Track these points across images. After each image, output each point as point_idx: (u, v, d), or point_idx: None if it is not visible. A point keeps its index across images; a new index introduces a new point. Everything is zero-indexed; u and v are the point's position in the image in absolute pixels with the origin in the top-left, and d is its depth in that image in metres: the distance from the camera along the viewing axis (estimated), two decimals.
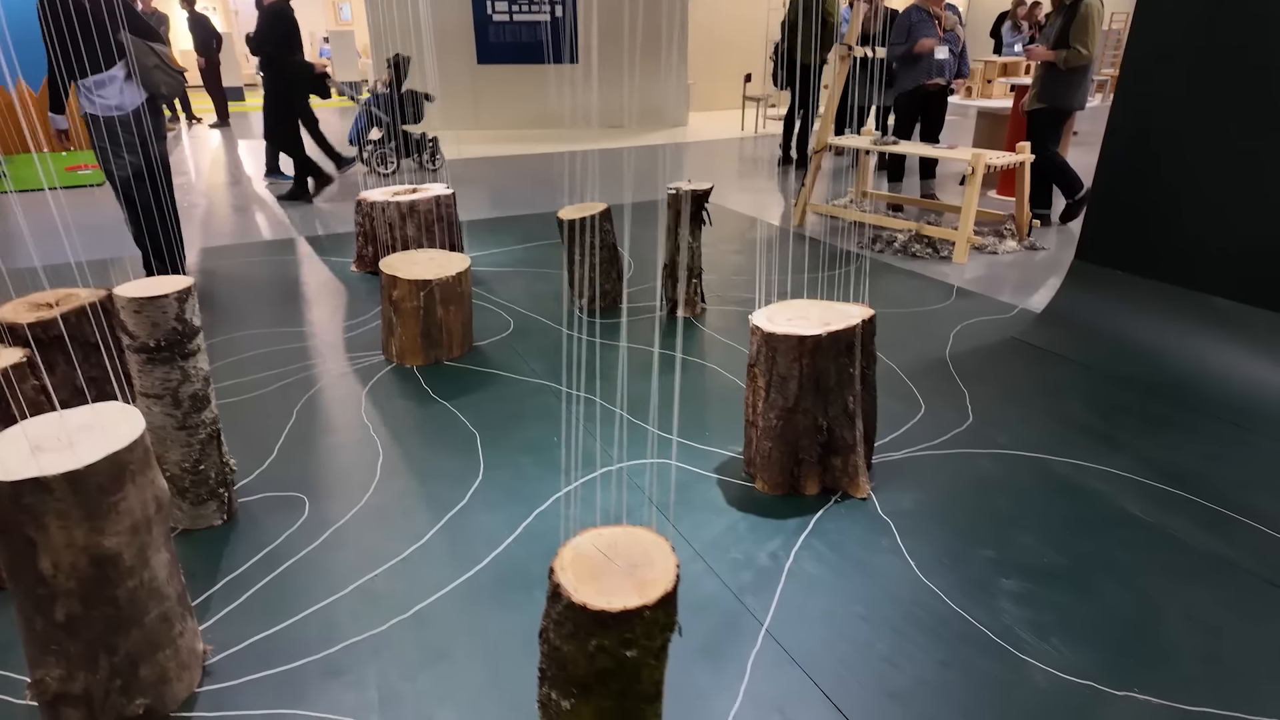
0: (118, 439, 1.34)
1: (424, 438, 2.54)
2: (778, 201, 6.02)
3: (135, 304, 1.82)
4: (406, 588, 1.86)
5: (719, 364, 3.09)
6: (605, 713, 1.09)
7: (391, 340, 3.14)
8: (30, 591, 1.31)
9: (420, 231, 4.07)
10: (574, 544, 1.15)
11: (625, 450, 2.45)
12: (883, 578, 1.87)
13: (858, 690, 1.55)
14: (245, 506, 2.17)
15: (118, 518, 1.34)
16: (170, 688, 1.49)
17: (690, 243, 3.51)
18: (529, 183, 6.75)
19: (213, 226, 5.29)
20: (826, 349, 2.04)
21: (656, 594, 1.05)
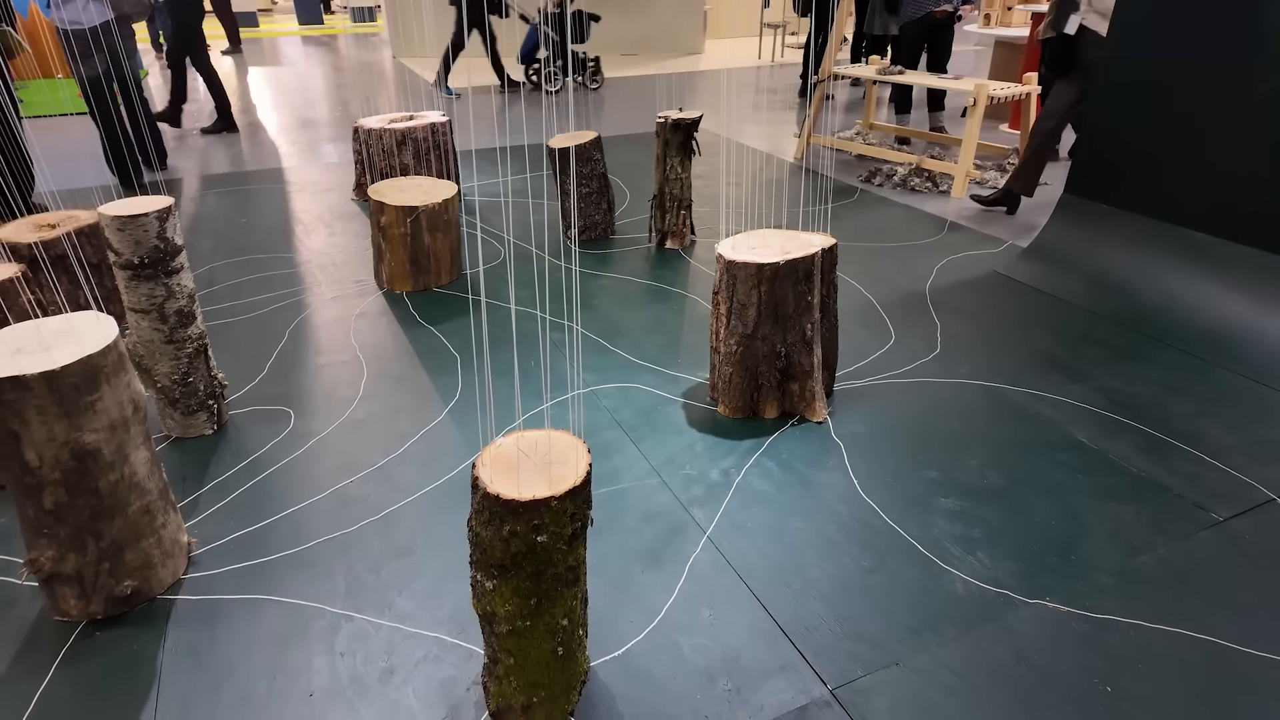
0: (90, 344, 1.45)
1: (408, 360, 2.65)
2: (790, 134, 5.93)
3: (118, 222, 1.91)
4: (378, 493, 1.99)
5: (700, 295, 3.15)
6: (523, 591, 1.21)
7: (382, 266, 3.22)
8: (19, 480, 1.45)
9: (416, 159, 4.11)
10: (498, 443, 1.25)
11: (599, 374, 2.55)
12: (825, 494, 1.97)
13: (784, 592, 1.67)
14: (235, 419, 2.30)
15: (95, 416, 1.46)
16: (155, 573, 1.64)
17: (679, 173, 3.51)
18: (532, 112, 6.69)
19: (219, 153, 5.35)
20: (784, 277, 2.09)
21: (565, 487, 1.15)
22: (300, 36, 12.54)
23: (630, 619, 1.60)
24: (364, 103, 7.14)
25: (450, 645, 1.55)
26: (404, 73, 8.90)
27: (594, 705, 1.42)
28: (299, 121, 6.39)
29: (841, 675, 1.47)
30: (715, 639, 1.56)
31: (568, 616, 1.28)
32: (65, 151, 5.31)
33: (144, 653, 1.53)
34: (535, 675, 1.31)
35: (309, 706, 1.42)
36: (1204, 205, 2.84)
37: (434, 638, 1.57)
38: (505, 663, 1.30)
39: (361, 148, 4.18)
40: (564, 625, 1.28)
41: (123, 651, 1.53)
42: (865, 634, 1.56)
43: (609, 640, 1.55)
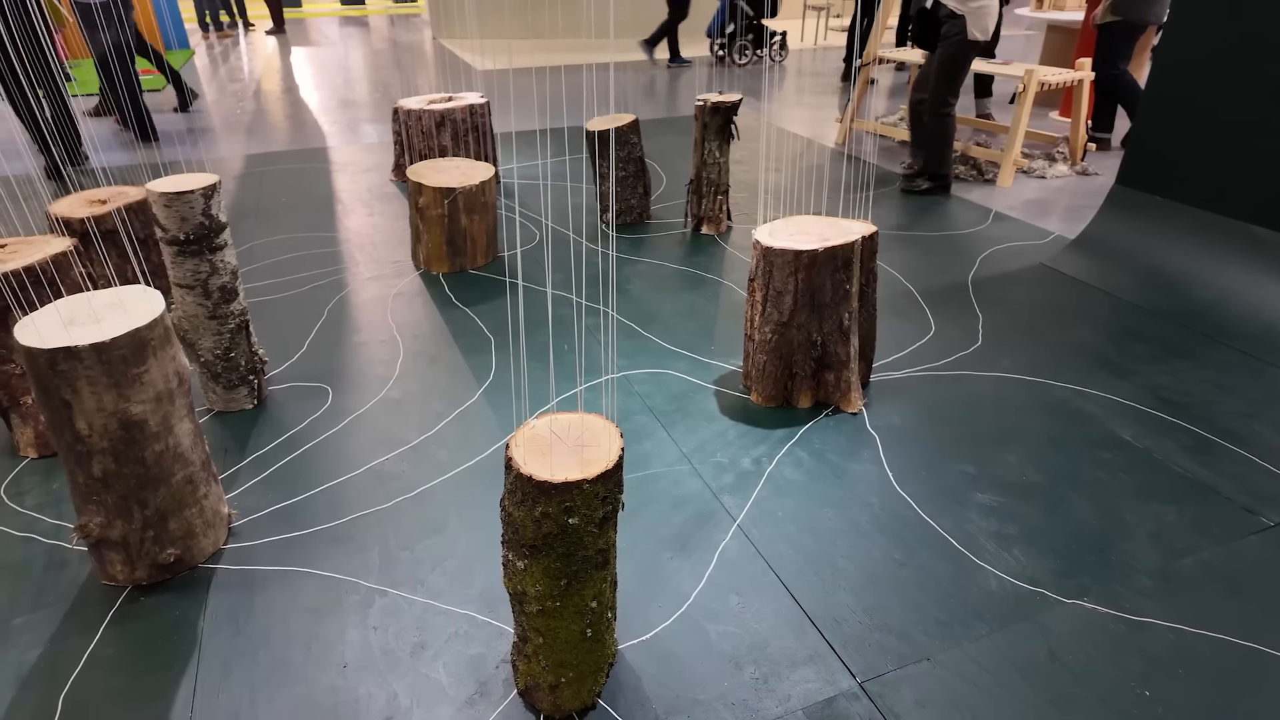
0: (139, 317, 1.49)
1: (443, 340, 2.68)
2: (832, 119, 5.83)
3: (165, 199, 1.95)
4: (413, 471, 2.02)
5: (736, 282, 3.12)
6: (553, 572, 1.21)
7: (419, 247, 3.25)
8: (70, 448, 1.50)
9: (455, 141, 4.13)
10: (530, 425, 1.26)
11: (632, 359, 2.54)
12: (857, 485, 1.95)
13: (813, 580, 1.66)
14: (274, 394, 2.35)
15: (142, 387, 1.50)
16: (197, 542, 1.69)
17: (717, 158, 3.48)
18: (570, 94, 6.68)
19: (262, 133, 5.44)
20: (822, 264, 2.06)
21: (597, 470, 1.15)
22: (341, 16, 12.65)
23: (659, 604, 1.60)
24: (403, 84, 7.20)
25: (480, 623, 1.57)
26: (443, 54, 8.94)
27: (621, 687, 1.43)
28: (339, 102, 6.46)
29: (870, 668, 1.46)
30: (743, 626, 1.55)
31: (597, 599, 1.29)
32: (112, 128, 5.44)
33: (186, 618, 1.58)
34: (564, 655, 1.32)
35: (343, 677, 1.46)
36: (1265, 198, 2.72)
37: (464, 615, 1.59)
38: (534, 642, 1.32)
39: (401, 129, 4.21)
40: (593, 607, 1.29)
41: (166, 617, 1.58)
42: (894, 627, 1.55)
43: (637, 624, 1.55)
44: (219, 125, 5.65)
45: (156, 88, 6.89)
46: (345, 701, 1.41)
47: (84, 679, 1.45)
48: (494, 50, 8.96)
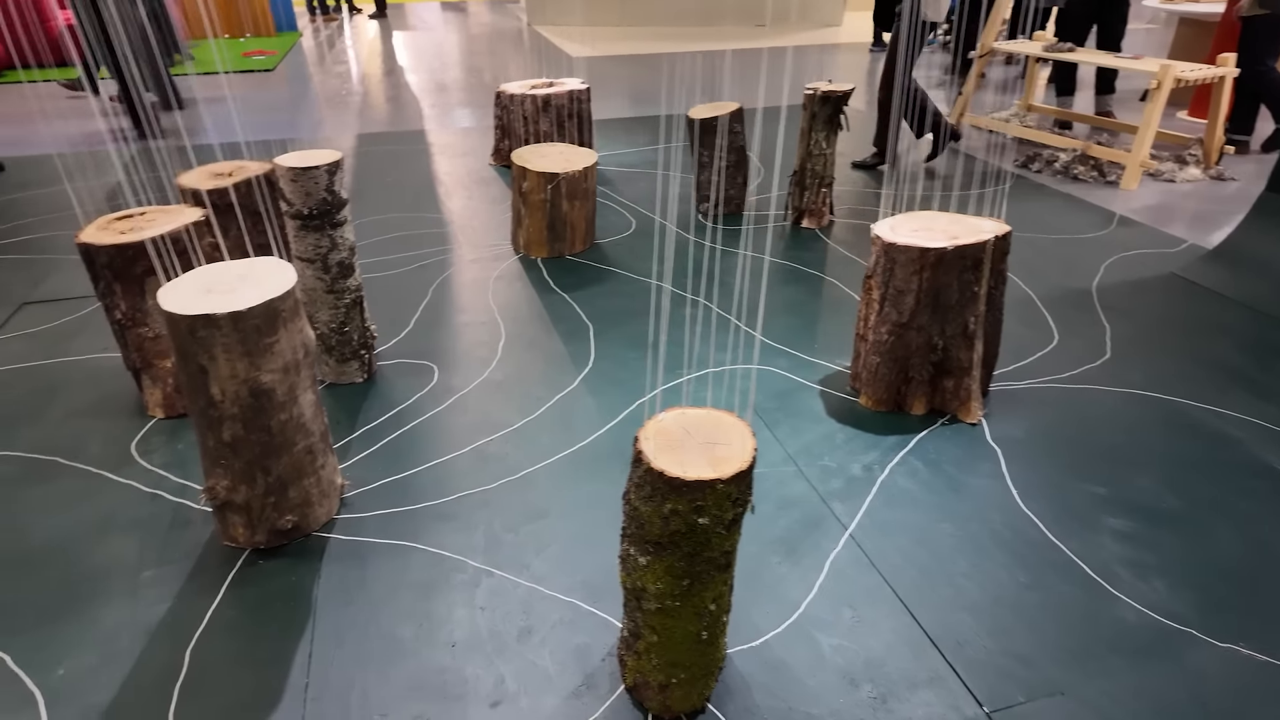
0: (273, 288, 1.52)
1: (542, 325, 2.68)
2: None
3: (292, 173, 2.00)
4: (516, 453, 2.02)
5: (838, 278, 3.02)
6: (676, 571, 1.18)
7: (519, 231, 3.27)
8: (203, 413, 1.55)
9: (554, 126, 4.14)
10: (659, 418, 1.22)
11: (732, 354, 2.49)
12: (978, 500, 1.84)
13: (932, 598, 1.57)
14: (383, 369, 2.40)
15: (272, 357, 1.53)
16: (313, 510, 1.73)
17: (824, 149, 3.37)
18: (665, 82, 6.62)
19: (365, 114, 5.59)
20: (950, 264, 1.95)
21: (731, 469, 1.10)
22: (441, 2, 12.92)
23: (767, 610, 1.55)
24: (499, 70, 7.29)
25: (585, 612, 1.55)
26: (539, 41, 9.01)
27: (730, 692, 1.38)
28: (437, 86, 6.59)
29: (998, 697, 1.37)
30: (857, 641, 1.48)
31: (716, 601, 1.25)
32: (233, 107, 5.69)
33: (301, 585, 1.62)
34: (677, 655, 1.28)
35: (451, 656, 1.46)
36: None
37: (569, 603, 1.58)
38: (648, 639, 1.29)
39: (503, 113, 4.25)
40: (711, 610, 1.25)
41: (282, 582, 1.62)
42: (1022, 654, 1.45)
43: (745, 628, 1.50)
44: (324, 105, 5.84)
45: (267, 67, 7.19)
46: (453, 681, 1.41)
47: (208, 637, 1.50)
48: (590, 37, 8.98)
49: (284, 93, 6.26)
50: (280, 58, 7.69)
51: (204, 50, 7.97)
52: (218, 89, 6.37)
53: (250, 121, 5.33)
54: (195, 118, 5.41)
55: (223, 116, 5.46)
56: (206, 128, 5.14)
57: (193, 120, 5.34)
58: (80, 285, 2.91)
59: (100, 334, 2.57)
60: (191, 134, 4.98)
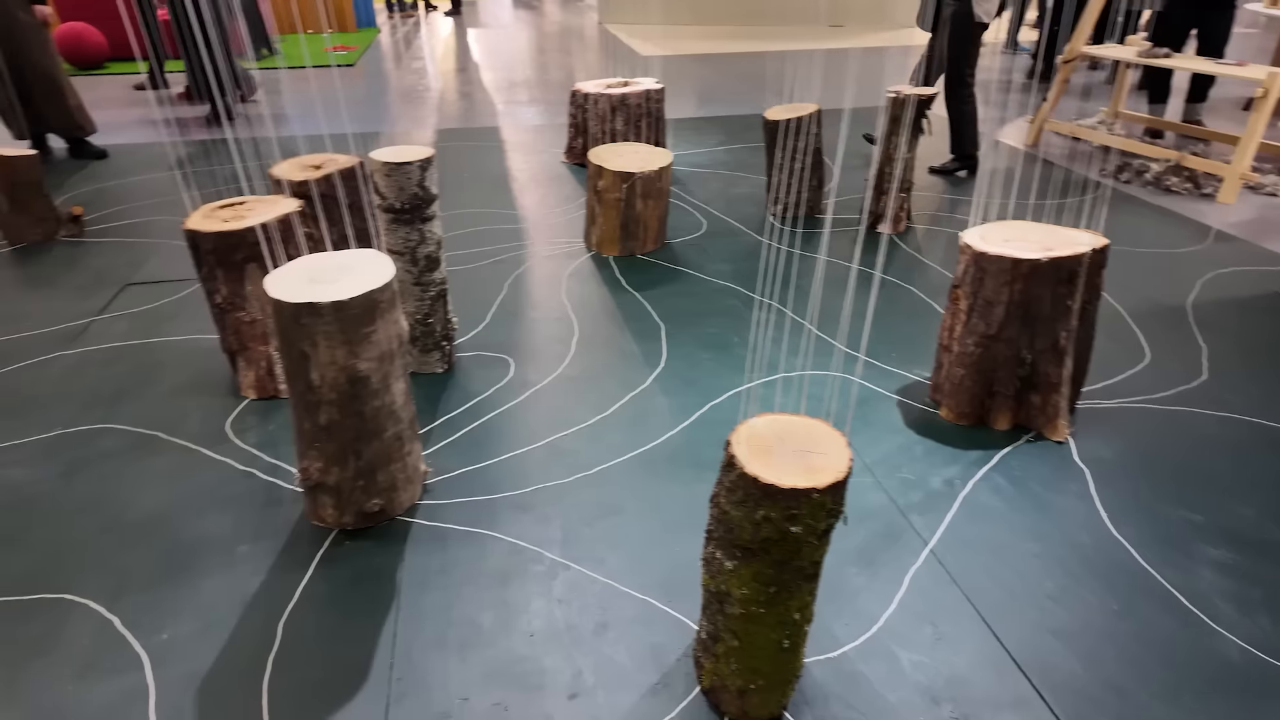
0: (373, 280, 1.58)
1: (615, 323, 2.70)
2: (1014, 118, 5.43)
3: (386, 168, 2.06)
4: (590, 449, 2.04)
5: (917, 285, 2.96)
6: (763, 578, 1.17)
7: (592, 229, 3.30)
8: (302, 397, 1.61)
9: (628, 125, 4.16)
10: (751, 423, 1.22)
11: (806, 359, 2.46)
12: (1065, 521, 1.78)
13: (1017, 620, 1.53)
14: (461, 360, 2.45)
15: (370, 346, 1.59)
16: (398, 495, 1.79)
17: (905, 154, 3.30)
18: (737, 83, 6.58)
19: (441, 110, 5.72)
20: (1044, 276, 1.89)
21: (826, 479, 1.09)
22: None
23: (845, 621, 1.53)
24: (570, 68, 7.36)
25: (660, 611, 1.56)
26: (609, 39, 9.06)
27: (807, 701, 1.38)
28: (510, 83, 6.69)
29: None
30: (937, 658, 1.45)
31: (800, 611, 1.24)
32: (316, 100, 5.90)
33: (386, 567, 1.67)
34: (757, 662, 1.28)
35: (529, 645, 1.49)
36: None
37: (644, 600, 1.59)
38: (728, 643, 1.29)
39: (578, 111, 4.29)
40: (795, 618, 1.24)
41: (368, 563, 1.68)
42: (1115, 684, 1.40)
43: (822, 639, 1.49)
44: (402, 101, 5.99)
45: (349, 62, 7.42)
46: (532, 671, 1.44)
47: (299, 611, 1.56)
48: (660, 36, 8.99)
49: (364, 87, 6.46)
50: (360, 53, 7.92)
51: (289, 45, 8.27)
52: (305, 81, 6.61)
53: (332, 115, 5.51)
54: (280, 110, 5.62)
55: (307, 109, 5.66)
56: (291, 120, 5.34)
57: (278, 112, 5.55)
58: (177, 269, 3.06)
59: (195, 316, 2.69)
60: (276, 126, 5.18)
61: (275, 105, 5.76)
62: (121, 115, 5.44)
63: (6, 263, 3.12)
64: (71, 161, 4.39)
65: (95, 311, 2.73)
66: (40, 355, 2.45)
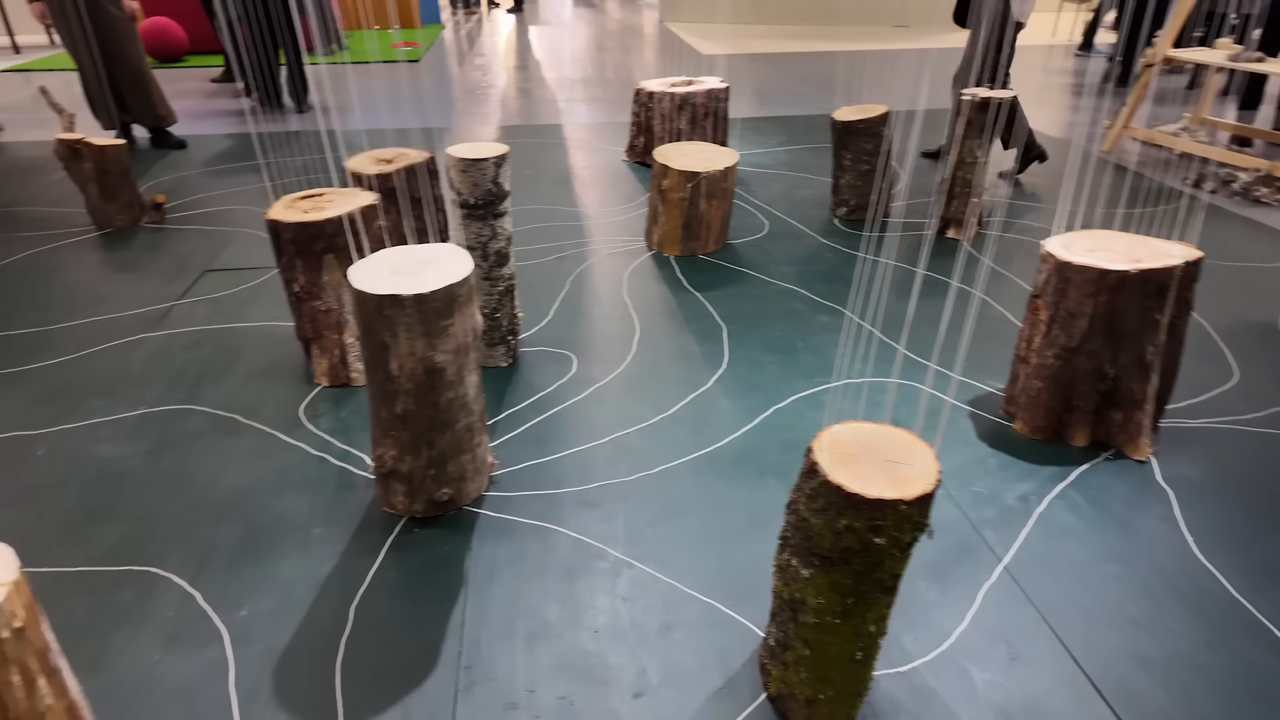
0: (453, 273, 1.60)
1: (675, 323, 2.70)
2: (1090, 123, 5.25)
3: (463, 164, 2.09)
4: (653, 449, 2.04)
5: (987, 293, 2.88)
6: (840, 588, 1.16)
7: (654, 228, 3.30)
8: (380, 386, 1.65)
9: (692, 125, 4.14)
10: (834, 430, 1.20)
11: (873, 366, 2.42)
12: (1148, 544, 1.71)
13: (1098, 644, 1.47)
14: (525, 355, 2.48)
15: (447, 338, 1.61)
16: (467, 486, 1.81)
17: (977, 157, 3.22)
18: (799, 83, 6.51)
19: (504, 107, 5.78)
20: (1132, 288, 1.82)
21: (915, 491, 1.07)
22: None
23: (915, 635, 1.50)
24: (632, 66, 7.38)
25: (724, 614, 1.55)
26: (670, 38, 9.05)
27: (876, 715, 1.35)
28: (571, 80, 6.73)
29: None
30: (1013, 679, 1.41)
31: (876, 623, 1.22)
32: (383, 95, 6.03)
33: (454, 556, 1.70)
34: (828, 673, 1.26)
35: (595, 641, 1.50)
36: None
37: (708, 603, 1.58)
38: (798, 652, 1.27)
39: (640, 110, 4.29)
40: (870, 631, 1.22)
41: (436, 551, 1.71)
42: (1205, 717, 1.34)
43: (892, 652, 1.46)
44: (466, 97, 6.09)
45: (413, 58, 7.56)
46: (597, 666, 1.45)
47: (370, 596, 1.60)
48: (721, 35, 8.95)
49: (429, 83, 6.58)
50: (425, 49, 8.07)
51: (356, 40, 8.47)
52: (369, 77, 6.76)
53: (398, 110, 5.62)
54: (348, 104, 5.76)
55: (373, 104, 5.78)
56: (358, 114, 5.47)
57: (345, 106, 5.69)
58: (252, 257, 3.16)
59: (270, 303, 2.78)
60: (344, 119, 5.31)
61: (342, 99, 5.90)
62: (199, 107, 5.65)
63: (94, 247, 3.27)
64: (153, 151, 4.57)
65: (177, 296, 2.84)
66: (128, 336, 2.56)
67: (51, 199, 3.79)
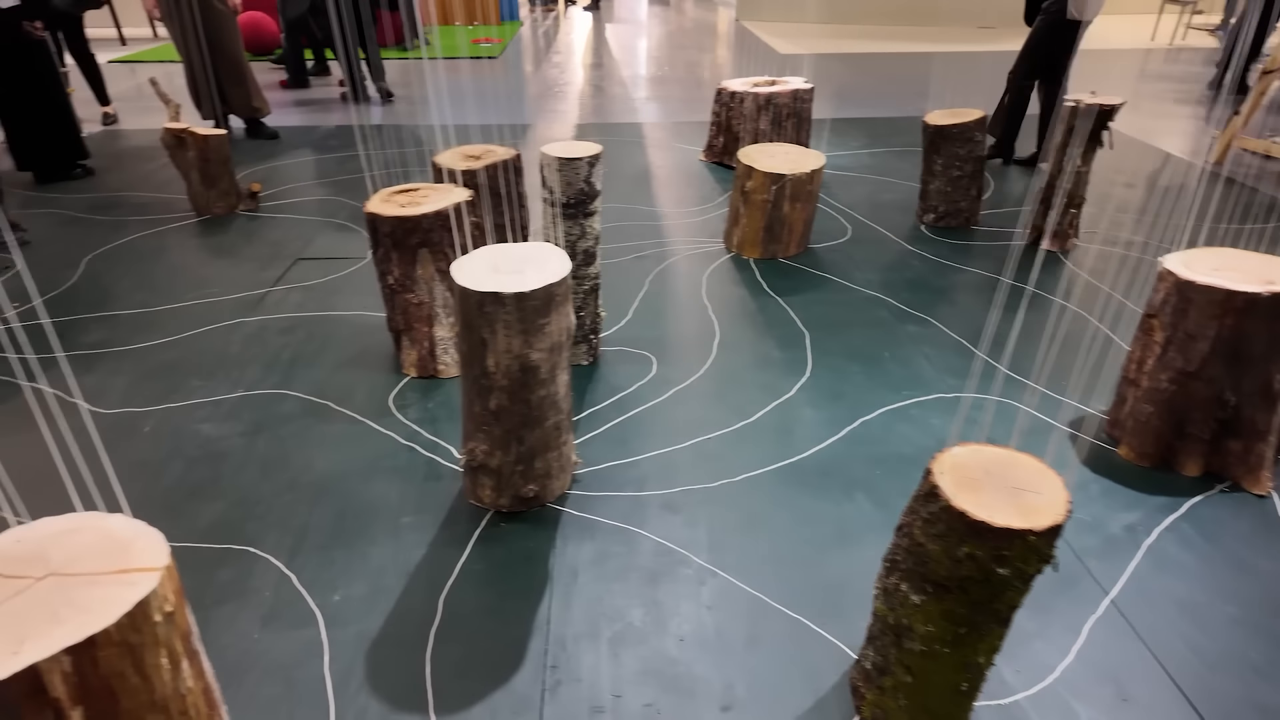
0: (553, 273, 1.60)
1: (755, 327, 2.66)
2: (1194, 132, 4.97)
3: (558, 163, 2.09)
4: (735, 455, 2.01)
5: (1085, 308, 2.75)
6: (954, 617, 1.11)
7: (734, 230, 3.26)
8: (476, 381, 1.66)
9: (773, 125, 4.08)
10: (954, 452, 1.15)
11: (964, 380, 2.34)
12: (1271, 585, 1.60)
13: (1217, 690, 1.38)
14: (606, 354, 2.48)
15: (543, 336, 1.62)
16: (551, 483, 1.82)
17: (1079, 167, 3.08)
18: (880, 84, 6.35)
19: (582, 104, 5.81)
20: (1261, 312, 1.71)
21: (1045, 522, 1.02)
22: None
23: (1017, 668, 1.44)
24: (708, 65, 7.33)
25: (812, 631, 1.52)
26: (746, 36, 8.96)
27: None
28: (647, 79, 6.72)
29: None
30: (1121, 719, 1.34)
31: (986, 655, 1.17)
32: (464, 90, 6.13)
33: (538, 551, 1.70)
34: (930, 702, 1.22)
35: (680, 649, 1.48)
36: None
37: (795, 619, 1.54)
38: (899, 678, 1.23)
39: (722, 109, 4.25)
40: (979, 662, 1.17)
41: (522, 546, 1.72)
42: None
43: (993, 684, 1.40)
44: (545, 94, 6.14)
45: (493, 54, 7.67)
46: (683, 675, 1.43)
47: (458, 587, 1.62)
48: (798, 34, 8.81)
49: (509, 79, 6.66)
50: (504, 45, 8.18)
51: (440, 35, 8.64)
52: (451, 72, 6.89)
53: (479, 105, 5.71)
54: (432, 98, 5.88)
55: (455, 99, 5.89)
56: (441, 108, 5.57)
57: (428, 101, 5.80)
58: (341, 246, 3.25)
59: (359, 292, 2.85)
60: (426, 114, 5.42)
61: (426, 94, 6.03)
62: (286, 98, 5.84)
63: (194, 232, 3.41)
64: (247, 141, 4.75)
65: (271, 282, 2.94)
66: (226, 320, 2.66)
67: (154, 184, 3.97)
